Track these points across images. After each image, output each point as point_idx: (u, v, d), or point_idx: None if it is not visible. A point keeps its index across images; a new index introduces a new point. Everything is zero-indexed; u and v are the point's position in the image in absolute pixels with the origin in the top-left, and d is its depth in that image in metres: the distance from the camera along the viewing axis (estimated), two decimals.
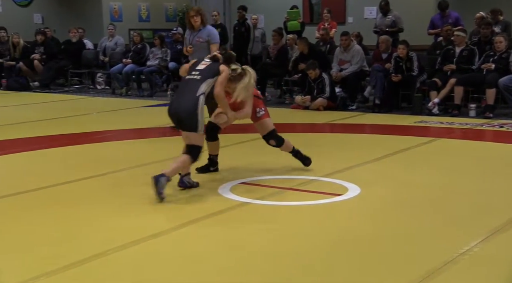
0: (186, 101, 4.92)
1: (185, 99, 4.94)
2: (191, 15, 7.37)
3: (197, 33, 7.38)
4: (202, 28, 7.39)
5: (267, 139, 5.55)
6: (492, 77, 8.93)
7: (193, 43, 7.39)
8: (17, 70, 13.63)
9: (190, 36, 7.46)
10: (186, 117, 4.90)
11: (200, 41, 7.38)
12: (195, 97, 4.90)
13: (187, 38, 7.56)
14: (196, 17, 7.32)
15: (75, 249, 3.73)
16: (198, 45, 7.36)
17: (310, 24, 13.42)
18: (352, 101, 10.18)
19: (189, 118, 4.88)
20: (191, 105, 4.88)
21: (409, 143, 6.97)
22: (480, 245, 3.74)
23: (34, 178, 5.57)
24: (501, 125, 8.14)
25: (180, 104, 4.95)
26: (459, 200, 4.76)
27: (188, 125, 4.91)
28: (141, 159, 6.20)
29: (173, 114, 5.02)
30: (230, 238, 3.96)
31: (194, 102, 4.88)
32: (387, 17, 11.35)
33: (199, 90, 4.93)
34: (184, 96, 4.98)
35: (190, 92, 4.94)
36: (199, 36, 7.38)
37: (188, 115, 4.88)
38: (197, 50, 7.32)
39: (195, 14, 7.33)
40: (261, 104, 5.50)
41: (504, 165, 5.96)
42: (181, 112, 4.92)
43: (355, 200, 4.78)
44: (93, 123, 8.78)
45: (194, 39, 7.39)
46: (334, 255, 3.65)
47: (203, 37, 7.39)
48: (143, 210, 4.55)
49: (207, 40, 7.39)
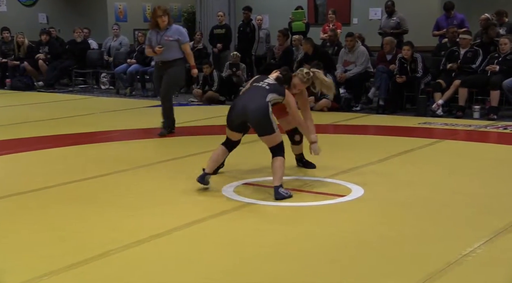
0: (257, 104, 4.94)
1: (256, 102, 4.96)
2: (159, 15, 7.34)
3: (165, 33, 7.41)
4: (168, 27, 7.45)
5: (292, 135, 5.67)
6: (496, 79, 8.92)
7: (161, 42, 7.38)
8: (21, 70, 13.66)
9: (157, 36, 7.42)
10: (260, 120, 4.93)
11: (170, 39, 7.41)
12: (266, 102, 4.95)
13: (151, 39, 7.49)
14: (164, 17, 7.36)
15: (78, 249, 3.74)
16: (167, 44, 7.39)
17: (314, 24, 13.41)
18: (356, 102, 10.18)
19: (264, 121, 4.91)
20: (263, 108, 4.92)
21: (413, 144, 6.96)
22: (483, 246, 3.73)
23: (38, 177, 5.59)
24: (505, 127, 8.12)
25: (251, 106, 4.95)
26: (462, 201, 4.75)
27: (263, 129, 4.94)
28: (145, 159, 6.21)
29: (241, 115, 5.00)
30: (234, 238, 3.96)
31: (265, 106, 4.93)
32: (392, 19, 11.34)
33: (268, 97, 4.99)
34: (254, 100, 4.98)
35: (260, 97, 4.98)
36: (167, 35, 7.41)
37: (263, 118, 4.91)
38: (167, 49, 7.38)
39: (163, 14, 7.35)
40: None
41: (508, 167, 5.95)
42: (253, 114, 4.93)
43: (358, 201, 4.77)
44: (97, 123, 8.79)
45: (163, 38, 7.39)
46: (337, 256, 3.64)
47: (173, 35, 7.43)
48: (146, 210, 4.56)
49: (177, 39, 7.45)
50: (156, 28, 7.45)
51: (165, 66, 7.50)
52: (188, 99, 11.44)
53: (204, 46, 12.91)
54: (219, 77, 11.19)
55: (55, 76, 13.56)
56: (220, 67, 12.26)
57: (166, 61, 7.48)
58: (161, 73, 7.56)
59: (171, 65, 7.48)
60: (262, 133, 4.95)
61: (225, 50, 12.78)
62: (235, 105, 5.10)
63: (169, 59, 7.47)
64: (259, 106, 4.92)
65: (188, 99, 11.42)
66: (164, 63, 7.50)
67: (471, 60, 9.35)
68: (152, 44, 7.47)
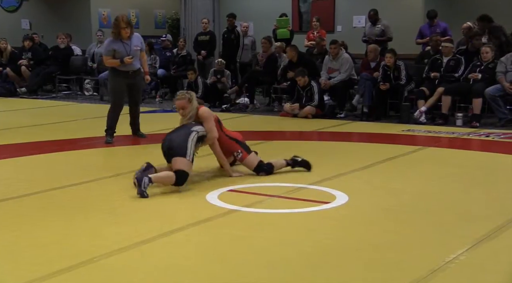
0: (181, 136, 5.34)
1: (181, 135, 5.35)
2: (122, 27, 7.37)
3: (131, 42, 7.48)
4: (132, 37, 7.53)
5: (257, 172, 5.78)
6: (479, 87, 9.01)
7: (131, 53, 7.45)
8: (4, 76, 13.55)
9: (123, 46, 7.43)
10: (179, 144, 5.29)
11: (138, 49, 7.59)
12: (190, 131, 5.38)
13: (117, 49, 7.43)
14: (128, 29, 7.41)
15: (62, 256, 3.71)
16: (136, 53, 7.55)
17: (299, 32, 13.47)
18: (340, 109, 10.22)
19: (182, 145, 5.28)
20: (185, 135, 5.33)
21: (396, 151, 7.00)
22: (466, 253, 3.76)
23: (21, 184, 5.54)
24: (487, 135, 8.20)
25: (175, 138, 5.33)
26: (446, 208, 4.78)
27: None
28: (129, 166, 6.17)
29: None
30: (218, 245, 3.96)
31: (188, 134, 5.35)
32: (376, 26, 11.42)
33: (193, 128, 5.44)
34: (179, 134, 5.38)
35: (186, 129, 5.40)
36: (135, 45, 7.53)
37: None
38: (135, 58, 7.53)
39: (127, 26, 7.40)
40: (237, 147, 5.78)
41: (490, 174, 6.00)
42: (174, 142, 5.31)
43: (343, 208, 4.79)
44: (80, 129, 8.74)
45: (132, 48, 7.47)
46: (321, 262, 3.65)
47: (138, 44, 7.60)
48: (131, 216, 4.54)
49: (140, 47, 7.66)
50: (118, 39, 7.45)
51: (133, 74, 7.61)
52: (173, 105, 11.42)
53: (188, 53, 12.91)
54: (203, 84, 11.20)
55: (38, 82, 13.47)
56: (204, 73, 12.26)
57: (136, 70, 7.63)
58: (129, 82, 7.60)
59: (138, 74, 7.71)
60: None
61: (209, 57, 12.80)
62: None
63: (137, 67, 7.66)
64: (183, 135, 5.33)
65: (172, 106, 11.39)
66: (134, 72, 7.60)
67: (454, 68, 9.45)
68: (117, 55, 7.44)
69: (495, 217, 4.50)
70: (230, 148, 5.76)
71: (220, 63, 11.72)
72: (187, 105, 5.55)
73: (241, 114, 10.36)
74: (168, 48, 13.33)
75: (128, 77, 7.59)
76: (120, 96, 7.68)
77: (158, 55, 12.88)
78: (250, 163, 5.77)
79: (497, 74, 9.06)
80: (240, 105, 11.22)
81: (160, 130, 8.04)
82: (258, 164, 5.78)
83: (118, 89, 7.66)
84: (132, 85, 7.66)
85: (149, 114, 10.67)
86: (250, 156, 5.79)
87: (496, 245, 3.94)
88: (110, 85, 7.93)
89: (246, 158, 5.76)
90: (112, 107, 7.71)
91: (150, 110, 11.16)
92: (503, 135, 8.11)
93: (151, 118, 10.22)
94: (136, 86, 7.75)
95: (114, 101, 7.70)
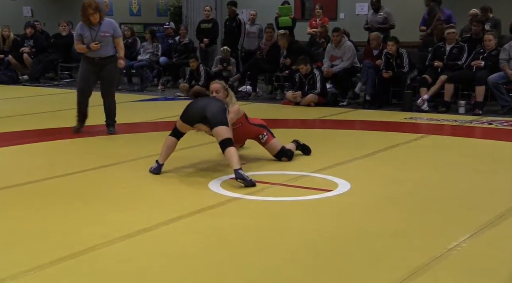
0: (217, 106, 5.37)
1: (215, 105, 5.38)
2: (90, 13, 7.13)
3: (99, 28, 7.25)
4: (101, 22, 7.29)
5: (279, 157, 5.86)
6: (482, 75, 8.98)
7: (97, 38, 7.22)
8: (6, 64, 13.55)
9: (90, 32, 7.23)
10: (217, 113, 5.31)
11: (107, 35, 7.29)
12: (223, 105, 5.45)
13: (84, 34, 7.25)
14: (96, 14, 7.17)
15: (64, 244, 3.71)
16: (104, 40, 7.27)
17: (301, 20, 13.41)
18: (343, 97, 10.20)
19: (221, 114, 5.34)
20: (222, 107, 5.40)
21: (399, 139, 6.99)
22: (468, 240, 3.76)
23: (22, 172, 5.55)
24: (490, 122, 8.19)
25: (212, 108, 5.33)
26: (448, 196, 4.78)
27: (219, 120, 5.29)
28: (130, 154, 6.18)
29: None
30: (220, 233, 3.96)
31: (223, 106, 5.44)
32: (379, 14, 11.37)
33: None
34: (213, 103, 5.42)
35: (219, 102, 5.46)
36: (103, 30, 7.26)
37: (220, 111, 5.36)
38: (104, 45, 7.26)
39: (95, 12, 7.15)
40: (263, 130, 5.86)
41: (493, 162, 5.99)
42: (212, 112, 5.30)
43: (345, 196, 4.79)
44: None
45: (99, 34, 7.24)
46: (323, 250, 3.65)
47: (108, 31, 7.31)
48: (133, 204, 4.54)
49: (112, 34, 7.35)
50: (88, 24, 7.24)
51: (102, 62, 7.32)
52: (175, 93, 11.41)
53: (190, 41, 12.87)
54: (205, 72, 11.17)
55: (40, 70, 13.47)
56: (207, 62, 12.23)
57: (104, 57, 7.32)
58: (98, 70, 7.34)
59: (109, 61, 7.37)
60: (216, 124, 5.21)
61: (212, 44, 12.75)
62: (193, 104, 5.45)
63: (107, 55, 7.34)
64: (219, 106, 5.34)
65: (174, 94, 11.39)
66: (102, 59, 7.31)
67: (457, 56, 9.41)
68: (85, 41, 7.25)
69: (497, 205, 4.50)
70: (256, 133, 5.88)
71: (225, 51, 11.66)
72: (221, 91, 5.68)
73: (244, 102, 10.34)
74: (171, 36, 13.30)
75: (95, 64, 7.30)
76: (84, 82, 7.39)
77: (160, 43, 12.85)
78: (274, 147, 5.85)
79: (500, 62, 9.03)
80: (243, 93, 11.20)
81: (162, 118, 8.06)
82: (281, 149, 5.86)
83: (83, 75, 7.41)
84: (100, 73, 7.36)
85: (151, 102, 10.68)
86: (274, 141, 5.87)
87: (498, 233, 3.94)
88: (78, 72, 7.74)
89: (270, 142, 5.84)
90: (77, 95, 7.53)
91: (152, 98, 11.16)
92: (506, 122, 8.10)
93: (153, 106, 10.22)
94: (106, 76, 7.40)
95: (78, 88, 7.50)
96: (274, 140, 5.87)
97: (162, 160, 5.39)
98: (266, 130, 5.90)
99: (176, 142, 5.48)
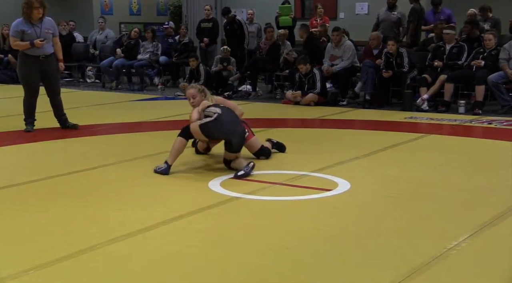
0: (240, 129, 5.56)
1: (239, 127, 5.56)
2: (36, 7, 7.00)
3: (42, 25, 7.14)
4: (43, 19, 7.19)
5: (257, 156, 5.89)
6: (482, 74, 8.98)
7: (42, 35, 7.11)
8: (5, 63, 13.53)
9: (33, 29, 7.09)
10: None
11: (50, 32, 7.22)
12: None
13: (28, 32, 7.09)
14: (41, 8, 7.05)
15: (64, 243, 3.72)
16: (48, 37, 7.18)
17: (301, 19, 13.41)
18: (343, 96, 10.20)
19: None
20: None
21: (399, 139, 6.99)
22: (468, 240, 3.76)
23: (22, 171, 5.55)
24: (490, 122, 8.19)
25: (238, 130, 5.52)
26: (447, 195, 4.79)
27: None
28: (131, 153, 6.19)
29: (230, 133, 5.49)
30: (220, 232, 3.96)
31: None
32: (393, 13, 11.19)
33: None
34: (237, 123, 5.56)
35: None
36: (46, 27, 7.18)
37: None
38: (47, 42, 7.17)
39: (40, 6, 7.04)
40: (245, 127, 5.82)
41: (492, 161, 6.00)
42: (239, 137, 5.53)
43: (345, 195, 4.79)
44: (82, 117, 8.72)
45: (43, 31, 7.13)
46: (323, 250, 3.66)
47: (50, 28, 7.25)
48: (134, 204, 4.55)
49: (53, 31, 7.29)
50: (29, 20, 7.09)
51: (46, 59, 7.21)
52: (175, 93, 11.42)
53: (190, 40, 12.87)
54: (205, 71, 11.17)
55: None
56: (207, 61, 12.23)
57: (48, 54, 7.22)
58: (42, 68, 7.19)
59: (52, 59, 7.29)
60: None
61: (212, 44, 12.74)
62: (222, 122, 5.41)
63: (50, 52, 7.25)
64: (243, 137, 5.56)
65: (174, 93, 11.39)
66: (46, 57, 7.20)
67: (457, 56, 9.42)
68: (27, 37, 7.08)
69: (497, 204, 4.51)
70: None
71: (225, 51, 11.66)
72: (198, 95, 5.59)
73: (244, 101, 10.35)
74: (171, 35, 13.29)
75: (40, 63, 7.15)
76: (32, 83, 7.26)
77: (160, 42, 12.85)
78: (253, 145, 5.88)
79: (500, 61, 9.03)
80: (242, 92, 11.20)
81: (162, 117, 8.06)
82: (261, 147, 5.90)
83: (30, 76, 7.22)
84: (46, 72, 7.22)
85: (151, 102, 10.68)
86: (254, 139, 5.90)
87: (498, 232, 3.94)
88: (20, 72, 7.35)
89: (250, 139, 5.85)
90: (25, 96, 7.37)
91: (152, 97, 11.17)
92: (506, 122, 8.10)
93: (153, 105, 10.23)
94: (51, 74, 7.29)
95: (27, 89, 7.30)
96: (254, 138, 5.90)
97: (171, 161, 5.37)
98: (248, 127, 5.89)
99: (186, 144, 5.50)
